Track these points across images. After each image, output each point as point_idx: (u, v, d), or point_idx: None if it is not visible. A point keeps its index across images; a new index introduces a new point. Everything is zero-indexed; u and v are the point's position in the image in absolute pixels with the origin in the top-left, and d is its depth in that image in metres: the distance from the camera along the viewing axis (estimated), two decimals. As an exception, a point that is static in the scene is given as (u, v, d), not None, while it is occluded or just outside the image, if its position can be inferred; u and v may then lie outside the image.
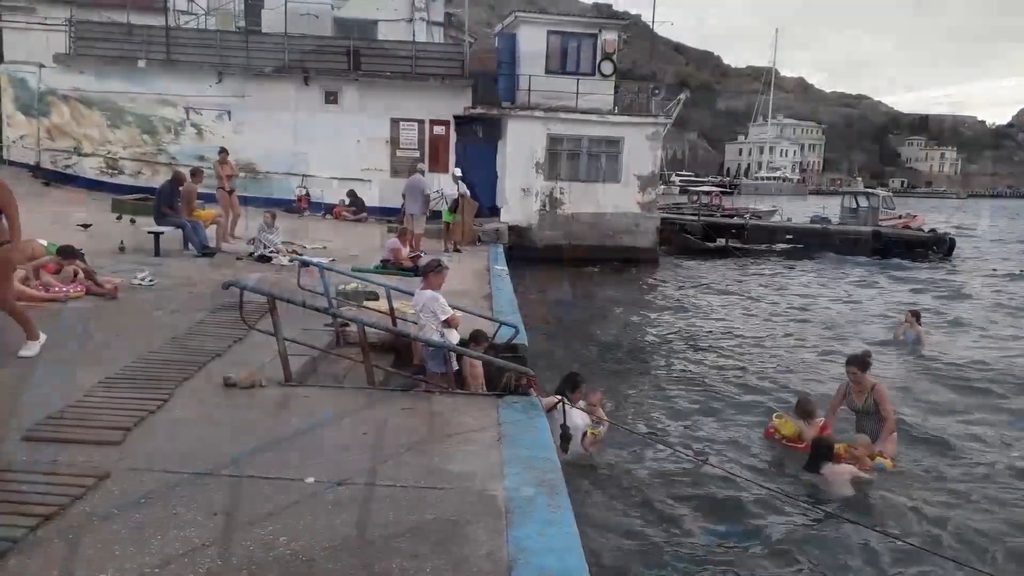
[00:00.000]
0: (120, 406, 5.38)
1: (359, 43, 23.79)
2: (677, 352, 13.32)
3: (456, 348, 6.81)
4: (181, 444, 4.83)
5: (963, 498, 7.30)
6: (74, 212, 16.44)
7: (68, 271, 9.17)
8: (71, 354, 6.70)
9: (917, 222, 37.61)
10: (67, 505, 3.88)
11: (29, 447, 4.64)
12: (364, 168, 23.33)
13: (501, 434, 5.26)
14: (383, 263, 13.64)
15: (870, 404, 8.06)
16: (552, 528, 3.90)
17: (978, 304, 19.44)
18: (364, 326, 6.44)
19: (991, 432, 9.29)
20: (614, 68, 24.38)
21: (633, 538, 6.36)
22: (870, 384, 8.13)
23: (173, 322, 8.10)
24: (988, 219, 60.76)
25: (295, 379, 6.36)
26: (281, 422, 5.42)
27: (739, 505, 6.93)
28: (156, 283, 10.39)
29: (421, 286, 7.39)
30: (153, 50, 22.55)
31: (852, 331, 15.42)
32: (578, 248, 23.36)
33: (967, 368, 12.34)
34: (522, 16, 24.63)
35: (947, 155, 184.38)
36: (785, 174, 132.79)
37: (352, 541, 3.68)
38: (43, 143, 22.63)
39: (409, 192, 16.83)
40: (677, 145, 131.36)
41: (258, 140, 22.69)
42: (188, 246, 13.62)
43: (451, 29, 30.07)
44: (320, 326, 8.15)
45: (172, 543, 3.58)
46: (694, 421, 9.49)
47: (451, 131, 23.65)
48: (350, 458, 4.74)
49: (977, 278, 24.73)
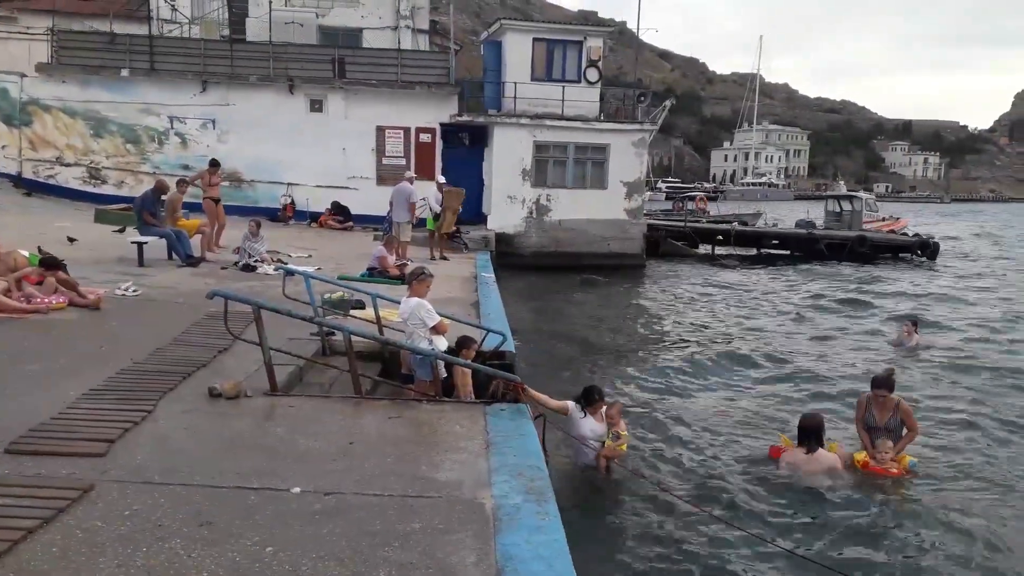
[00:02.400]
0: (104, 418, 5.34)
1: (344, 51, 23.79)
2: (664, 359, 13.30)
3: (444, 356, 6.78)
4: (166, 455, 4.80)
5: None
6: (56, 222, 16.35)
7: (50, 282, 9.09)
8: (54, 366, 6.64)
9: (900, 225, 37.94)
10: (51, 518, 3.84)
11: (12, 460, 4.59)
12: (350, 176, 23.29)
13: (489, 442, 5.25)
14: (369, 271, 13.60)
15: (895, 421, 7.90)
16: (540, 536, 3.90)
17: (971, 308, 19.61)
18: (350, 335, 6.42)
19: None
20: (599, 75, 24.50)
21: (626, 551, 6.29)
22: (894, 402, 7.97)
23: (157, 332, 8.04)
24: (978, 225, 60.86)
25: (281, 389, 6.33)
26: (267, 432, 5.39)
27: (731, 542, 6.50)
28: (140, 293, 10.32)
29: (407, 294, 7.38)
30: (136, 59, 22.45)
31: (847, 337, 15.45)
32: (565, 255, 23.44)
33: (968, 370, 12.49)
34: (507, 24, 24.72)
35: (930, 160, 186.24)
36: (771, 179, 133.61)
37: (339, 551, 3.66)
38: (25, 153, 22.47)
39: (395, 200, 16.82)
40: (663, 151, 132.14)
41: (243, 149, 22.62)
42: (172, 256, 13.54)
43: (436, 37, 30.09)
44: (306, 335, 8.11)
45: (157, 555, 3.56)
46: (682, 430, 9.30)
47: (437, 139, 23.66)
48: (337, 468, 4.71)
49: (963, 281, 24.92)
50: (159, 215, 13.69)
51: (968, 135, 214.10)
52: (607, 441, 7.30)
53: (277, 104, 22.89)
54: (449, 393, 6.74)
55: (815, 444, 7.62)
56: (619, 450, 7.30)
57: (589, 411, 7.39)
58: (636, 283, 22.63)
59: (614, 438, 7.28)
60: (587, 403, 7.41)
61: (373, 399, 6.43)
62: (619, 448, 7.29)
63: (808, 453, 7.61)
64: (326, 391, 7.06)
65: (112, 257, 13.08)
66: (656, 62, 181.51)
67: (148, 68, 22.46)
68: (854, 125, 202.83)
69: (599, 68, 24.41)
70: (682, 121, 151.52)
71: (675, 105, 28.61)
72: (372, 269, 13.67)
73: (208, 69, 22.70)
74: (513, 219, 23.44)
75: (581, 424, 7.37)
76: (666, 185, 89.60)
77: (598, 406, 7.43)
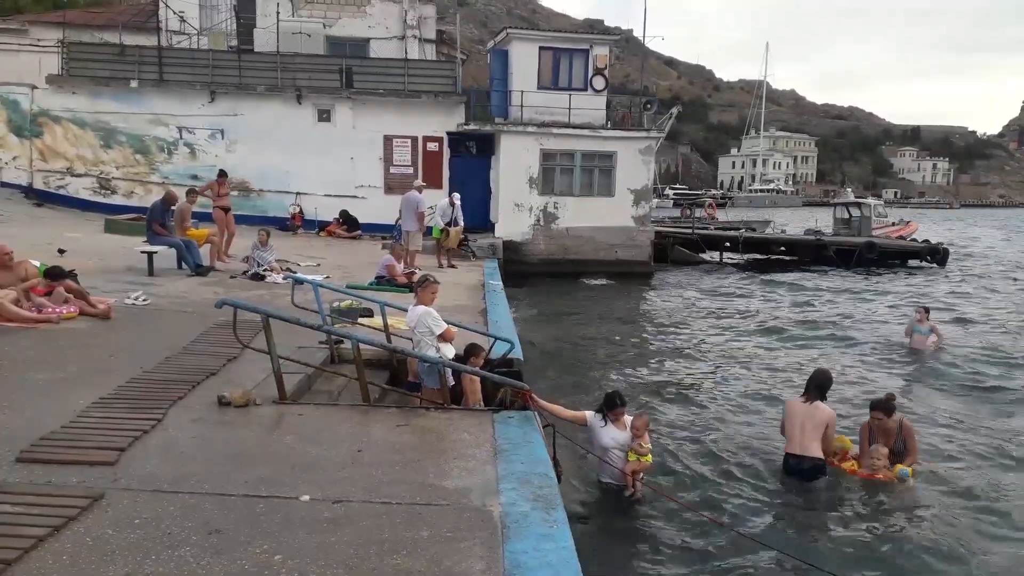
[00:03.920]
0: (114, 426, 5.36)
1: (351, 61, 23.90)
2: (674, 366, 13.28)
3: (452, 364, 6.77)
4: (175, 463, 4.81)
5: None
6: (66, 232, 16.44)
7: (60, 292, 9.14)
8: (64, 375, 6.66)
9: (910, 230, 37.80)
10: (61, 526, 3.86)
11: (23, 468, 4.61)
12: (357, 186, 23.37)
13: (496, 449, 5.25)
14: (378, 280, 13.64)
15: (899, 444, 7.83)
16: (548, 543, 3.89)
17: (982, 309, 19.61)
18: (359, 343, 6.43)
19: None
20: (606, 83, 24.54)
21: (637, 562, 6.25)
22: (896, 425, 7.89)
23: (167, 341, 8.06)
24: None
25: (290, 397, 6.34)
26: (275, 440, 5.40)
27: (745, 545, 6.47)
28: (150, 302, 10.36)
29: (414, 302, 7.38)
30: (145, 70, 22.58)
31: (859, 340, 15.44)
32: (572, 262, 23.46)
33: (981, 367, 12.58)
34: (514, 33, 24.82)
35: (939, 165, 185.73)
36: (779, 186, 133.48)
37: (347, 559, 3.67)
38: (36, 164, 22.63)
39: (404, 209, 16.86)
40: (670, 159, 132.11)
41: (251, 159, 22.72)
42: (182, 265, 13.60)
43: (443, 46, 30.17)
44: (315, 343, 8.13)
45: (167, 563, 3.56)
46: (696, 438, 9.24)
47: (444, 148, 23.72)
48: (345, 475, 4.72)
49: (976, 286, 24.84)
50: (168, 225, 13.77)
51: (977, 140, 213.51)
52: (631, 456, 7.03)
53: (285, 114, 23.00)
54: (457, 401, 6.73)
55: (815, 395, 7.73)
56: (644, 462, 7.07)
57: (611, 417, 7.13)
58: (644, 290, 22.62)
59: (637, 451, 6.99)
60: (608, 408, 7.16)
61: (381, 407, 6.43)
62: (644, 460, 7.05)
63: (807, 402, 7.70)
64: (334, 399, 7.06)
65: (121, 267, 13.14)
66: (662, 70, 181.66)
67: (157, 79, 22.60)
68: (862, 131, 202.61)
69: (605, 76, 24.47)
70: (689, 128, 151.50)
71: (682, 112, 28.63)
72: (380, 277, 13.70)
73: (216, 80, 22.83)
74: (520, 227, 23.48)
75: (602, 433, 7.15)
76: (673, 192, 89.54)
77: (619, 412, 7.15)
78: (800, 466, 7.62)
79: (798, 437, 7.64)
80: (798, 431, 7.65)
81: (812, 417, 7.61)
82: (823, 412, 7.65)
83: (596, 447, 7.20)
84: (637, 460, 7.02)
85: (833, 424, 7.73)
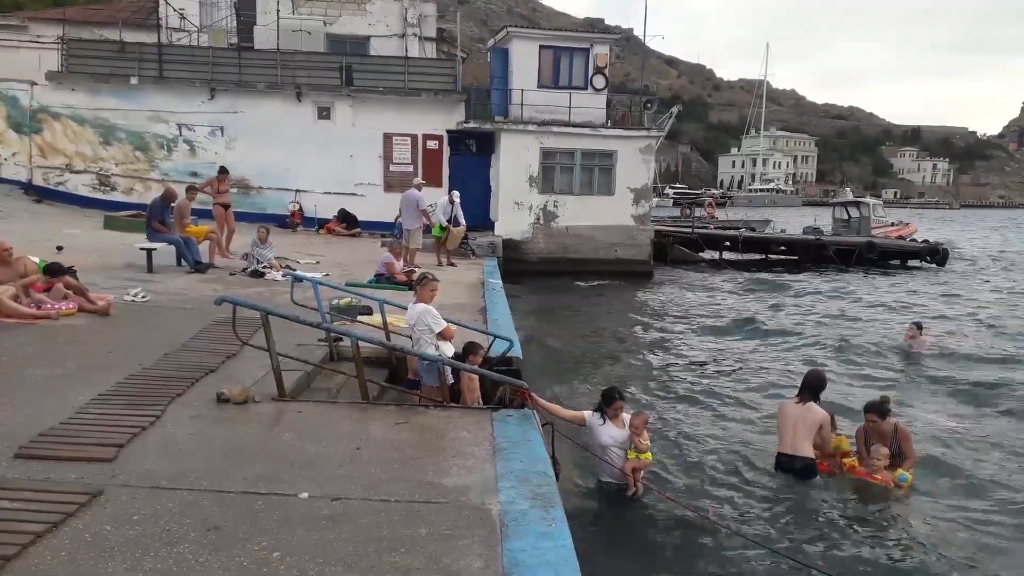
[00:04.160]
0: (113, 423, 5.36)
1: (351, 59, 23.85)
2: (673, 365, 13.29)
3: (451, 362, 6.77)
4: (174, 460, 4.81)
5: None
6: (65, 229, 16.42)
7: (60, 288, 9.13)
8: (63, 371, 6.67)
9: (909, 230, 37.86)
10: (59, 523, 3.86)
11: (21, 464, 4.61)
12: (357, 183, 23.34)
13: (495, 448, 5.25)
14: (377, 277, 13.63)
15: (894, 446, 7.77)
16: (547, 542, 3.89)
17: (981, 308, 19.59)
18: (358, 340, 6.43)
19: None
20: (606, 82, 24.52)
21: (637, 562, 6.26)
22: (891, 428, 7.82)
23: (166, 338, 8.06)
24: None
25: (289, 394, 6.34)
26: (274, 437, 5.40)
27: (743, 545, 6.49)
28: (149, 299, 10.36)
29: (413, 300, 7.38)
30: (145, 67, 22.54)
31: (858, 340, 15.38)
32: (572, 261, 23.44)
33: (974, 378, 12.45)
34: (514, 31, 24.77)
35: (939, 166, 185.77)
36: (779, 185, 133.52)
37: (346, 556, 3.67)
38: (35, 160, 22.60)
39: (404, 207, 16.85)
40: (670, 158, 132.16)
41: (251, 156, 22.68)
42: (181, 262, 13.60)
43: (443, 44, 30.16)
44: (314, 341, 8.13)
45: (165, 560, 3.57)
46: (695, 436, 9.28)
47: (444, 146, 23.71)
48: (344, 473, 4.72)
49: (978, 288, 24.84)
50: (168, 222, 13.77)
51: (977, 141, 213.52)
52: (630, 454, 6.98)
53: (285, 111, 22.97)
54: (456, 399, 6.72)
55: (808, 396, 7.77)
56: (644, 460, 7.01)
57: (608, 413, 7.06)
58: (644, 289, 22.60)
59: (635, 450, 6.94)
60: (606, 404, 7.08)
61: (380, 405, 6.43)
62: (643, 458, 7.00)
63: (800, 403, 7.75)
64: (334, 397, 7.06)
65: (121, 263, 13.14)
66: (663, 69, 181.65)
67: (157, 76, 22.56)
68: (862, 131, 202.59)
69: (606, 75, 24.44)
70: (689, 127, 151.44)
71: (682, 111, 28.61)
72: (380, 275, 13.70)
73: (216, 77, 22.79)
74: (520, 225, 23.46)
75: (600, 432, 7.08)
76: (673, 191, 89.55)
77: (617, 407, 7.06)
78: (791, 465, 7.66)
79: (790, 437, 7.69)
80: (790, 431, 7.69)
81: (805, 418, 7.63)
82: (816, 413, 7.66)
83: (595, 446, 7.16)
84: (637, 458, 6.99)
85: (828, 425, 7.74)
